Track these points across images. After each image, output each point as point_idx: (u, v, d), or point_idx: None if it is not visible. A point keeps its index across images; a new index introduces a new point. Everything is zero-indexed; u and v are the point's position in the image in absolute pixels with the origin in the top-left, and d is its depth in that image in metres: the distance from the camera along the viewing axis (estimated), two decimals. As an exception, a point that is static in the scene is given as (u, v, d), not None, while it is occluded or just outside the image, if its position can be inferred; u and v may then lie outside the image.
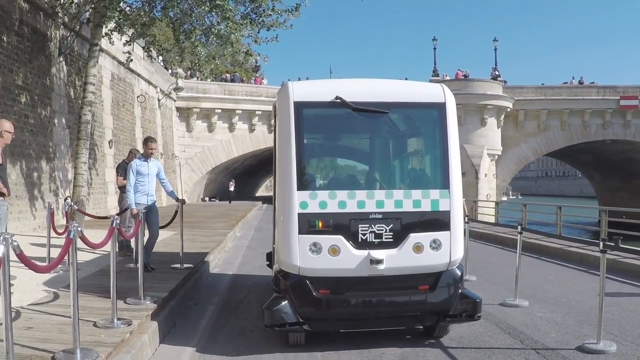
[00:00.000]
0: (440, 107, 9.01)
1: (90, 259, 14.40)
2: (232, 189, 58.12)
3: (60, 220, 18.74)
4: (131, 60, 26.92)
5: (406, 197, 8.65)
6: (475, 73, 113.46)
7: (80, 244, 8.00)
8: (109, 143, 30.46)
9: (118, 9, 20.80)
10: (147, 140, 13.39)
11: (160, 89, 44.70)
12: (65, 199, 19.17)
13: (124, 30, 22.32)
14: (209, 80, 55.02)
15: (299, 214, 8.33)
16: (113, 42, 24.75)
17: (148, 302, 9.86)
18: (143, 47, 25.81)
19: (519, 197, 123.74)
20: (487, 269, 16.92)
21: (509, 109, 54.70)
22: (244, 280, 14.98)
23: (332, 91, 8.74)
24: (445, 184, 8.78)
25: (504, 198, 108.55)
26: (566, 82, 64.09)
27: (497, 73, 59.11)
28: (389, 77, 9.49)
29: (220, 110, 53.07)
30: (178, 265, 13.74)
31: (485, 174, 51.06)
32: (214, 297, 12.96)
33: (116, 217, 9.38)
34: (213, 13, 20.86)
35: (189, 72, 52.20)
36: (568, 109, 57.24)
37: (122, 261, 13.95)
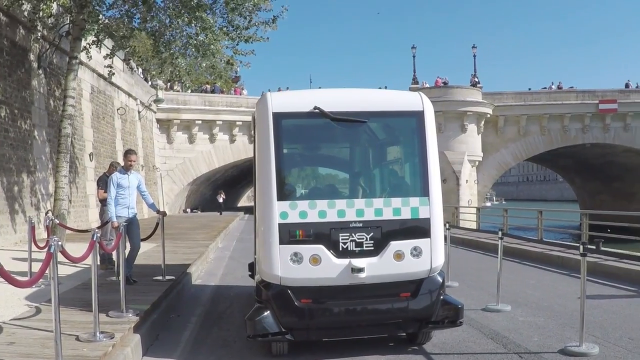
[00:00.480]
0: (419, 115, 9.05)
1: (72, 272, 14.37)
2: (221, 200, 58.09)
3: (41, 234, 18.66)
4: (113, 74, 26.90)
5: (386, 205, 8.69)
6: (455, 80, 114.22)
7: (61, 257, 8.01)
8: (90, 156, 30.37)
9: (97, 22, 20.76)
10: (127, 153, 13.42)
11: (141, 101, 44.61)
12: (47, 213, 19.11)
13: (103, 43, 22.28)
14: (189, 91, 54.93)
15: (279, 224, 8.35)
16: (91, 56, 24.71)
17: (130, 315, 9.84)
18: (123, 60, 25.77)
19: (503, 202, 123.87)
20: (469, 275, 16.99)
21: (488, 115, 54.91)
22: (227, 291, 14.96)
23: (311, 101, 8.76)
24: (424, 192, 8.81)
25: (488, 204, 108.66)
26: (545, 87, 64.38)
27: (476, 79, 59.25)
28: (369, 85, 9.63)
29: (200, 122, 52.91)
30: (160, 278, 13.70)
31: (467, 180, 51.19)
32: (197, 309, 12.94)
33: (97, 230, 9.36)
34: (192, 24, 20.88)
35: (168, 84, 52.10)
36: (547, 114, 57.54)
37: (104, 274, 13.95)
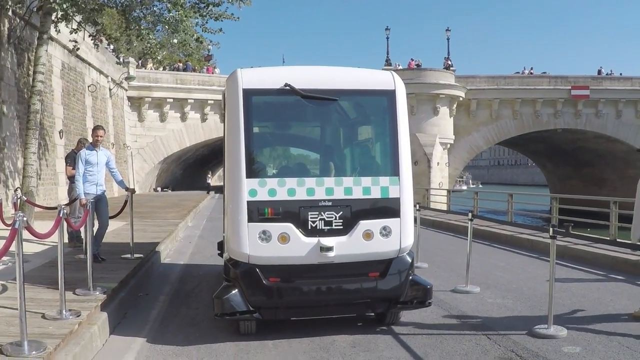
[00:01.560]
0: (390, 95, 9.01)
1: (40, 250, 14.26)
2: (209, 180, 58.11)
3: (10, 211, 18.48)
4: (78, 48, 26.59)
5: (356, 184, 8.66)
6: (428, 63, 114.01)
7: (29, 235, 7.91)
8: (60, 133, 30.08)
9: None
10: (95, 129, 13.29)
11: (112, 78, 44.20)
12: (15, 190, 18.93)
13: (72, 17, 21.99)
14: (160, 69, 54.55)
15: (248, 201, 8.29)
16: (59, 30, 24.40)
17: (98, 293, 9.75)
18: (93, 36, 25.46)
19: (480, 185, 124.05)
20: (438, 256, 17.03)
21: (461, 98, 54.93)
22: (196, 270, 14.91)
23: (282, 78, 8.70)
24: (395, 171, 8.79)
25: (464, 187, 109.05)
26: (518, 72, 64.59)
27: (449, 62, 59.28)
28: (342, 66, 9.41)
29: (172, 100, 52.52)
30: (128, 256, 13.60)
31: (438, 163, 51.31)
32: (165, 287, 12.88)
33: (63, 206, 9.23)
34: (163, 0, 20.73)
35: (140, 62, 51.70)
36: (520, 99, 57.72)
37: (72, 252, 13.84)
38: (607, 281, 13.53)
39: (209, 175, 58.79)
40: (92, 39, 26.06)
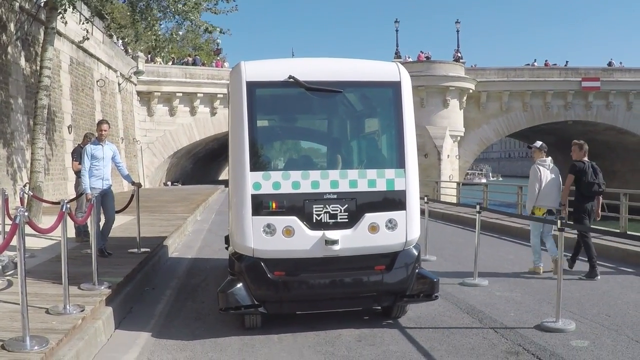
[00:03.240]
0: (396, 86, 8.94)
1: (47, 245, 14.28)
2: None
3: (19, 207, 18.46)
4: (87, 38, 26.53)
5: (361, 176, 8.60)
6: (438, 55, 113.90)
7: (34, 231, 7.89)
8: (69, 128, 30.10)
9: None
10: (99, 123, 13.24)
11: (121, 73, 44.21)
12: (24, 185, 18.92)
13: (80, 11, 21.99)
14: (169, 63, 54.52)
15: (252, 195, 8.26)
16: (66, 22, 24.34)
17: (103, 288, 9.73)
18: (103, 31, 25.46)
19: (500, 179, 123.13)
20: (447, 249, 16.98)
21: (471, 91, 54.78)
22: (203, 264, 14.89)
23: (286, 70, 8.65)
24: (400, 164, 8.73)
25: (484, 180, 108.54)
26: (528, 64, 64.40)
27: (459, 55, 59.17)
28: (351, 59, 9.34)
29: (181, 94, 52.47)
30: (135, 250, 13.59)
31: (448, 155, 51.17)
32: (172, 281, 12.85)
33: (66, 201, 9.20)
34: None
35: (149, 56, 51.69)
36: (530, 91, 57.51)
37: (79, 247, 13.89)
38: (617, 274, 13.45)
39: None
40: (104, 34, 26.05)
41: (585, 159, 14.28)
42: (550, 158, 14.61)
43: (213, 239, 19.15)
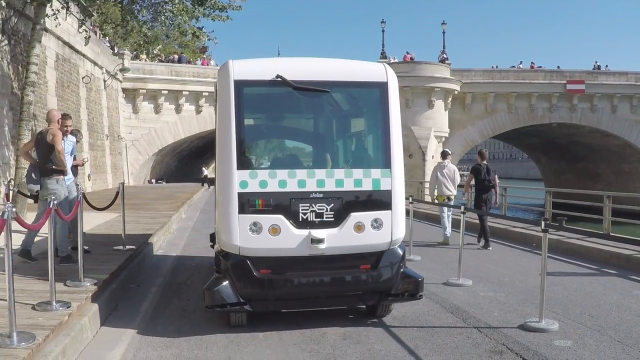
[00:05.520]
0: (382, 87, 9.00)
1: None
2: (206, 173, 58.03)
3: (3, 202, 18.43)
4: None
5: (347, 176, 8.65)
6: (424, 56, 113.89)
7: (21, 227, 7.88)
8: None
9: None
10: (63, 117, 12.82)
11: (106, 70, 44.03)
12: (8, 182, 18.87)
13: (71, 11, 21.93)
14: (155, 61, 54.35)
15: (238, 193, 8.29)
16: (59, 24, 24.31)
17: (88, 285, 9.71)
18: (90, 28, 25.40)
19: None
20: (431, 249, 17.05)
21: (456, 92, 54.88)
22: (188, 262, 14.91)
23: (274, 70, 8.68)
24: (386, 164, 8.79)
25: None
26: (514, 66, 64.61)
27: (445, 56, 59.24)
28: (337, 58, 9.42)
29: (166, 92, 52.33)
30: (120, 247, 13.56)
31: (432, 156, 51.11)
32: (157, 279, 12.88)
33: (54, 198, 9.20)
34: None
35: (134, 53, 51.55)
36: (515, 92, 57.64)
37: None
38: (600, 275, 13.54)
39: (205, 168, 58.64)
40: (91, 31, 26.00)
41: (484, 162, 18.79)
42: (448, 160, 19.95)
43: (198, 237, 19.16)
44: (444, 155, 20.45)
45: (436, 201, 19.87)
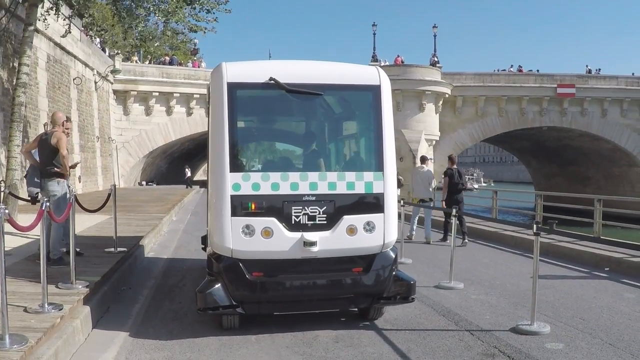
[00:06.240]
0: (375, 90, 9.02)
1: (24, 243, 14.20)
2: (189, 174, 57.77)
3: (-6, 204, 18.35)
4: (69, 32, 26.38)
5: (340, 179, 8.66)
6: (416, 59, 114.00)
7: (12, 228, 7.86)
8: (44, 126, 29.73)
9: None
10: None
11: (97, 71, 43.94)
12: None
13: (60, 11, 21.90)
14: (147, 62, 54.25)
15: (231, 195, 8.29)
16: (49, 24, 24.26)
17: (80, 287, 9.70)
18: (81, 29, 25.37)
19: (492, 184, 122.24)
20: (423, 252, 17.06)
21: (447, 95, 54.98)
22: (179, 264, 14.89)
23: (267, 72, 8.69)
24: (379, 167, 8.80)
25: (475, 185, 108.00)
26: (505, 70, 64.74)
27: (436, 59, 59.36)
28: (328, 61, 9.44)
29: (157, 94, 52.23)
30: (112, 250, 13.53)
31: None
32: (149, 281, 12.86)
33: (46, 199, 9.18)
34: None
35: (127, 54, 51.47)
36: (506, 96, 57.79)
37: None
38: (591, 278, 13.58)
39: (188, 169, 58.18)
40: (84, 32, 25.97)
41: (454, 166, 20.00)
42: (424, 165, 21.21)
43: (189, 240, 19.14)
44: (422, 160, 21.74)
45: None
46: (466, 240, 18.90)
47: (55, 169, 11.66)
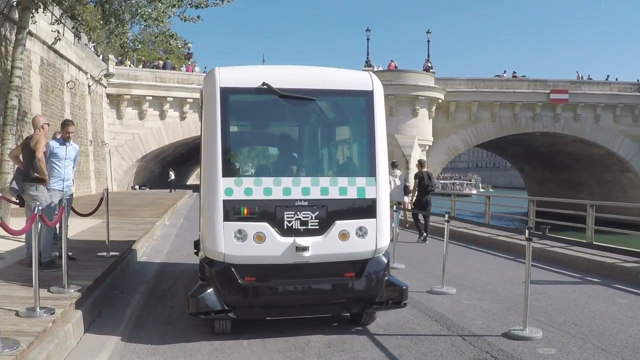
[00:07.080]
0: (368, 95, 9.03)
1: (16, 247, 14.15)
2: (172, 177, 57.61)
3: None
4: (59, 39, 26.36)
5: (332, 184, 8.67)
6: (409, 64, 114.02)
7: (5, 233, 7.85)
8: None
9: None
10: (66, 124, 12.75)
11: (91, 75, 43.94)
12: (-9, 186, 18.77)
13: (52, 11, 21.87)
14: (140, 66, 54.24)
15: (224, 200, 8.29)
16: (36, 21, 24.16)
17: (72, 291, 9.66)
18: (73, 32, 25.34)
19: (490, 190, 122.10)
20: (415, 257, 17.05)
21: (440, 100, 55.09)
22: (172, 269, 14.87)
23: (260, 77, 8.69)
24: (371, 172, 8.81)
25: (474, 191, 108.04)
26: (498, 75, 64.84)
27: (429, 64, 59.46)
28: (322, 66, 9.48)
29: (151, 98, 52.34)
30: (104, 254, 13.51)
31: (416, 164, 51.33)
32: (141, 286, 12.83)
33: (38, 203, 9.16)
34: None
35: (119, 58, 51.46)
36: (499, 102, 57.95)
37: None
38: (583, 284, 13.58)
39: (172, 172, 57.81)
40: (74, 35, 25.94)
41: (424, 170, 21.78)
42: (398, 170, 23.78)
43: (181, 244, 19.11)
44: (393, 165, 23.17)
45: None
46: (427, 238, 20.85)
47: (35, 174, 11.60)
